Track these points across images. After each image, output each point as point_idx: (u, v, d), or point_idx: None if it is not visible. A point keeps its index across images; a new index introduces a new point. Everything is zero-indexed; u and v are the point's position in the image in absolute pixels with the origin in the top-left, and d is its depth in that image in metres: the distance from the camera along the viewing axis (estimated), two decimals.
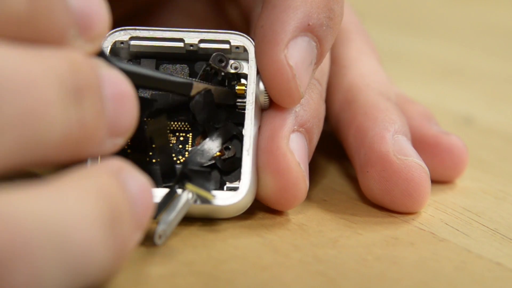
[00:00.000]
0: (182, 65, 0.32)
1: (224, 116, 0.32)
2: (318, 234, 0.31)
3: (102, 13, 0.23)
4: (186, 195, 0.29)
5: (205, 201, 0.30)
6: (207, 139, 0.31)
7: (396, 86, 0.41)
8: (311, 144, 0.32)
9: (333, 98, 0.35)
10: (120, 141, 0.25)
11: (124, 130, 0.24)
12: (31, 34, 0.21)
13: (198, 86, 0.31)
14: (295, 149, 0.31)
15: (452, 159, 0.36)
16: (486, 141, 0.44)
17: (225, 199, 0.30)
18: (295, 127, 0.31)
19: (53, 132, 0.21)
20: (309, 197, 0.34)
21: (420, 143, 0.36)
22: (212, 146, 0.31)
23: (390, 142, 0.33)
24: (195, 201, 0.29)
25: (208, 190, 0.30)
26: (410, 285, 0.28)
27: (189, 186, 0.29)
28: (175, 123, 0.32)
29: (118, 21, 0.31)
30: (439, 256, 0.30)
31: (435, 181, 0.37)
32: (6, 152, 0.20)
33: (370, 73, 0.36)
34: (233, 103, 0.32)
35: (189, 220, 0.31)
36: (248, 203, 0.31)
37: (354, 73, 0.36)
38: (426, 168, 0.33)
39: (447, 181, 0.37)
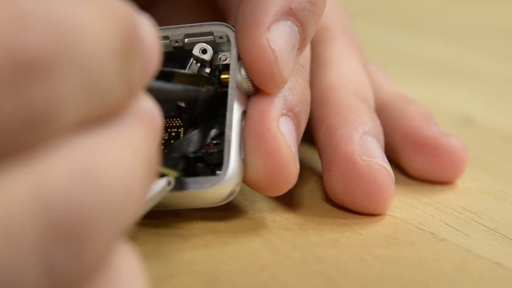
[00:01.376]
0: (173, 64, 0.32)
1: (218, 109, 0.32)
2: (318, 234, 0.31)
3: (159, 51, 0.23)
4: (163, 182, 0.29)
5: (185, 187, 0.29)
6: (197, 130, 0.31)
7: (396, 86, 0.41)
8: (299, 129, 0.31)
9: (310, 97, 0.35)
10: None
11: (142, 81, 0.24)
12: None
13: (178, 74, 0.30)
14: (285, 132, 0.30)
15: (451, 161, 0.36)
16: (486, 141, 0.45)
17: (207, 183, 0.29)
18: (284, 110, 0.31)
19: (113, 88, 0.21)
20: (309, 197, 0.34)
21: (420, 144, 0.36)
22: (199, 138, 0.31)
23: (357, 142, 0.32)
24: (172, 190, 0.29)
25: (175, 169, 0.29)
26: (410, 285, 0.28)
27: None
28: (166, 120, 0.32)
29: None
30: (439, 256, 0.30)
31: (435, 182, 0.37)
32: (74, 107, 0.19)
33: (348, 74, 0.36)
34: (202, 87, 0.31)
35: (189, 220, 0.31)
36: (233, 186, 0.30)
37: (332, 73, 0.36)
38: (391, 171, 0.33)
39: (447, 182, 0.37)
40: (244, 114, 0.31)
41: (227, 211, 0.32)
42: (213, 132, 0.31)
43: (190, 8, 0.41)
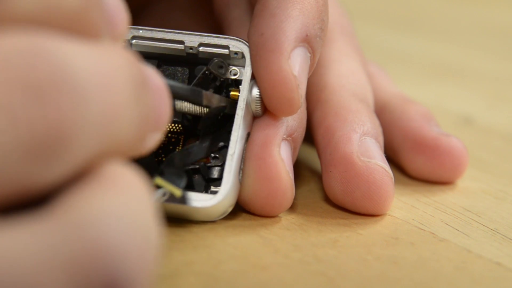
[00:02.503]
0: (183, 68, 0.32)
1: (222, 124, 0.32)
2: (318, 234, 0.31)
3: (124, 12, 0.24)
4: (159, 193, 0.29)
5: (180, 201, 0.29)
6: (197, 142, 0.31)
7: (396, 86, 0.41)
8: (295, 153, 0.32)
9: (308, 97, 0.35)
10: (159, 136, 0.24)
11: (163, 124, 0.24)
12: (78, 28, 0.21)
13: (206, 95, 0.31)
14: (284, 157, 0.31)
15: (452, 161, 0.36)
16: (486, 141, 0.45)
17: (202, 201, 0.30)
18: (284, 136, 0.31)
19: (129, 129, 0.21)
20: (309, 197, 0.34)
21: (420, 145, 0.36)
22: (199, 150, 0.31)
23: (356, 143, 0.33)
24: (167, 200, 0.29)
25: (178, 186, 0.29)
26: (410, 285, 0.28)
27: (158, 180, 0.29)
28: (168, 124, 0.32)
29: None
30: (439, 256, 0.30)
31: (435, 182, 0.37)
32: (88, 151, 0.20)
33: (347, 74, 0.36)
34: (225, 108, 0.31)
35: (189, 220, 0.31)
36: (226, 207, 0.30)
37: (331, 74, 0.36)
38: (390, 172, 0.33)
39: (447, 182, 0.37)
40: (248, 135, 0.31)
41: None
42: (214, 146, 0.31)
43: (187, 9, 0.41)
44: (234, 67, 0.32)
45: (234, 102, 0.31)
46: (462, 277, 0.28)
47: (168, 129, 0.32)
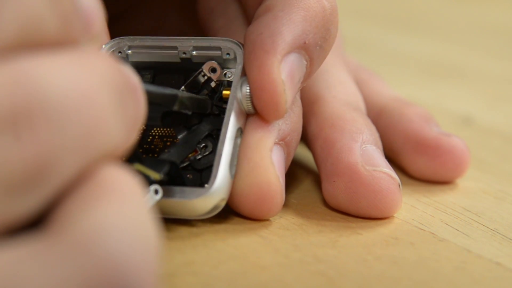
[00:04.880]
0: (178, 75, 0.32)
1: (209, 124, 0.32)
2: (318, 234, 0.31)
3: (100, 11, 0.24)
4: (151, 190, 0.28)
5: (169, 195, 0.29)
6: (180, 142, 0.31)
7: (392, 89, 0.41)
8: (289, 157, 0.32)
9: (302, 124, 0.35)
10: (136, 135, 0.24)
11: (141, 122, 0.24)
12: (56, 43, 0.21)
13: (182, 96, 0.31)
14: (275, 162, 0.31)
15: (453, 161, 0.36)
16: (486, 141, 0.45)
17: (192, 193, 0.29)
18: (276, 140, 0.31)
19: (117, 135, 0.21)
20: (309, 197, 0.34)
21: (422, 146, 0.36)
22: (185, 148, 0.31)
23: (358, 153, 0.32)
24: (159, 197, 0.29)
25: (157, 171, 0.29)
26: (410, 285, 0.28)
27: (137, 166, 0.29)
28: (162, 129, 0.32)
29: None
30: (439, 256, 0.30)
31: (436, 182, 0.37)
32: (74, 167, 0.20)
33: (336, 85, 0.36)
34: (209, 112, 0.32)
35: (189, 220, 0.31)
36: (217, 200, 0.30)
37: (320, 85, 0.35)
38: (396, 177, 0.32)
39: (449, 182, 0.37)
40: (239, 131, 0.31)
41: (227, 211, 0.32)
42: (196, 138, 0.31)
43: (165, 15, 0.41)
44: (229, 70, 0.32)
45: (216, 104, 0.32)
46: (462, 277, 0.28)
47: (163, 133, 0.32)
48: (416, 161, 0.37)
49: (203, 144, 0.31)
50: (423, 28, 0.77)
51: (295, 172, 0.37)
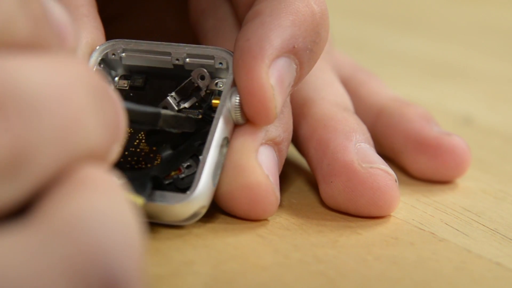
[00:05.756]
0: (170, 81, 0.32)
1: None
2: (318, 234, 0.31)
3: (71, 25, 0.24)
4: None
5: (150, 198, 0.29)
6: (164, 159, 0.31)
7: (391, 89, 0.41)
8: (281, 155, 0.32)
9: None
10: (119, 148, 0.24)
11: (122, 135, 0.24)
12: (24, 40, 0.21)
13: (165, 114, 0.30)
14: (263, 161, 0.31)
15: (454, 160, 0.36)
16: (486, 141, 0.45)
17: (172, 198, 0.29)
18: (263, 140, 0.31)
19: (95, 134, 0.22)
20: (308, 197, 0.34)
21: (422, 145, 0.36)
22: (169, 165, 0.31)
23: (353, 151, 0.32)
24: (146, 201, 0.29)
25: (142, 195, 0.29)
26: (410, 285, 0.28)
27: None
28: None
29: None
30: (439, 256, 0.30)
31: (437, 182, 0.37)
32: (54, 161, 0.20)
33: (324, 86, 0.36)
34: (193, 131, 0.31)
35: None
36: (196, 208, 0.29)
37: (308, 88, 0.35)
38: (393, 173, 0.32)
39: (450, 181, 0.37)
40: (226, 140, 0.31)
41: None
42: (183, 157, 0.31)
43: (162, 16, 0.41)
44: (220, 80, 0.32)
45: (201, 120, 0.32)
46: (462, 277, 0.28)
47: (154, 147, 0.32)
48: (417, 161, 0.37)
49: (188, 164, 0.31)
50: (423, 28, 0.77)
51: (295, 172, 0.37)
